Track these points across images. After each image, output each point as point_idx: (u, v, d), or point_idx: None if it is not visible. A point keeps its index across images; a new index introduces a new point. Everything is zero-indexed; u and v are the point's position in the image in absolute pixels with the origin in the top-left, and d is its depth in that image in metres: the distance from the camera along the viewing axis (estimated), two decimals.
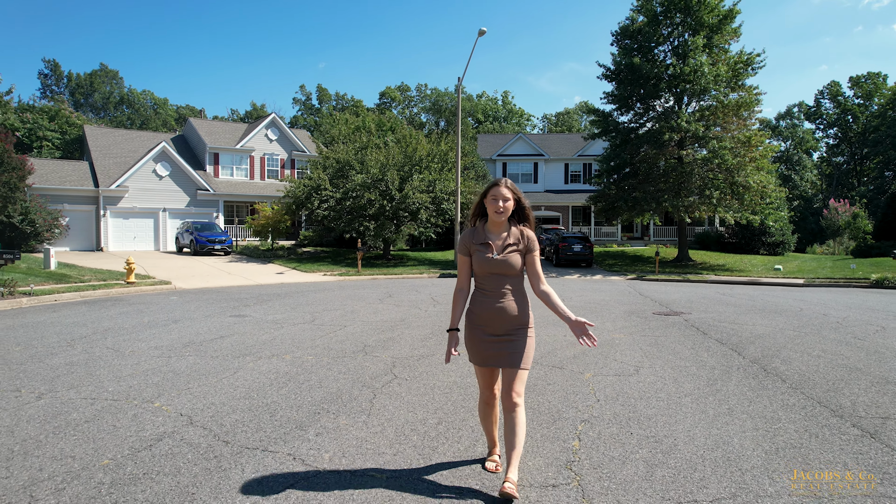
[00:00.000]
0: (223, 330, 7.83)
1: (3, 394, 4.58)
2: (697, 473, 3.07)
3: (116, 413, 4.09)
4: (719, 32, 24.53)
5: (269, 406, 4.28)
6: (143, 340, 7.00)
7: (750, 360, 5.92)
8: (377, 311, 9.81)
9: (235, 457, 3.29)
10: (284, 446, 3.46)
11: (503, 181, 3.08)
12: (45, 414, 4.05)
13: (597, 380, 5.09)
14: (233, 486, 2.91)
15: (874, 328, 8.03)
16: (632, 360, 5.92)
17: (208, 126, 35.31)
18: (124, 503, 2.72)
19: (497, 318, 3.00)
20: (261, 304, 10.87)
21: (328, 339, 7.06)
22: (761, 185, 23.57)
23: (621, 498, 2.80)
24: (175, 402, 4.38)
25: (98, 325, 8.22)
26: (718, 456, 3.31)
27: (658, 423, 3.89)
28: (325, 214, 23.21)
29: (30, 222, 24.07)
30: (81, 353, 6.23)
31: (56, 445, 3.44)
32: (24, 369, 5.44)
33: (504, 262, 2.98)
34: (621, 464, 3.21)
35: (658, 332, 7.68)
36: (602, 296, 12.85)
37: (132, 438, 3.57)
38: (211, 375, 5.21)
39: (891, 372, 5.35)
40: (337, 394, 4.61)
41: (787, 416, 4.06)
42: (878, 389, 4.74)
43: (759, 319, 8.98)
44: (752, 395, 4.58)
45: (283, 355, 6.11)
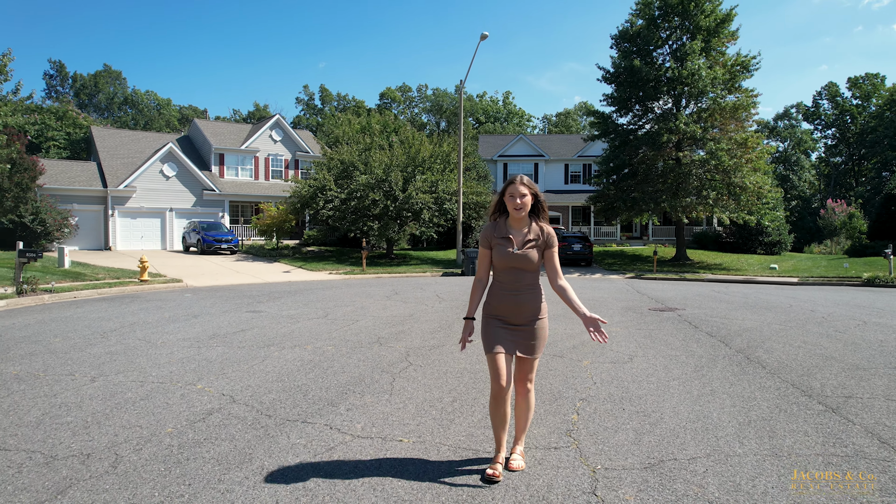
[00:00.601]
0: (243, 324, 8.33)
1: (61, 377, 5.08)
2: (679, 439, 3.57)
3: (165, 393, 4.59)
4: (717, 36, 25.04)
5: (301, 388, 4.78)
6: (170, 333, 7.50)
7: (735, 350, 6.43)
8: (386, 308, 10.31)
9: (279, 427, 3.79)
10: (321, 419, 3.96)
11: (520, 178, 3.16)
12: (103, 394, 4.56)
13: (594, 366, 5.60)
14: (282, 448, 3.42)
15: (856, 323, 8.53)
16: (626, 350, 6.43)
17: (213, 127, 35.81)
18: (194, 459, 3.23)
19: (514, 309, 3.13)
20: (273, 301, 11.37)
21: (344, 332, 7.56)
22: (757, 185, 24.08)
23: (612, 456, 3.30)
24: (215, 384, 4.88)
25: (123, 320, 8.72)
26: (698, 426, 3.82)
27: (647, 402, 4.40)
28: (329, 214, 23.71)
29: (41, 222, 24.58)
30: (116, 343, 6.73)
31: (122, 417, 3.95)
32: (69, 357, 5.94)
33: (524, 256, 3.10)
34: (613, 432, 3.71)
35: (652, 326, 8.19)
36: (601, 293, 13.36)
37: (185, 413, 4.08)
38: (242, 363, 5.71)
39: (863, 360, 5.86)
40: (359, 378, 5.12)
41: (762, 395, 4.56)
42: (847, 374, 5.25)
43: (748, 315, 9.49)
44: (733, 379, 5.08)
45: (304, 346, 6.61)
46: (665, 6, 24.98)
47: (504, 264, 3.12)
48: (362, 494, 2.82)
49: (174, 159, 29.68)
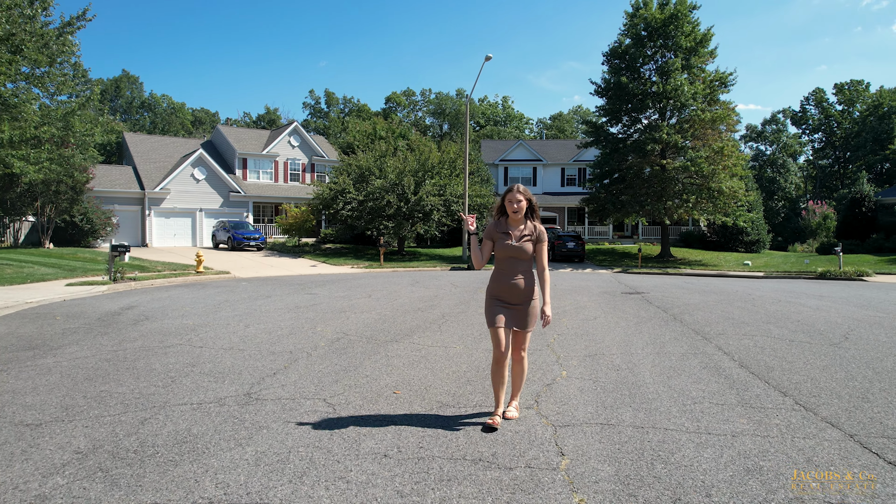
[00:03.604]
0: (310, 301, 11.09)
1: (224, 326, 7.86)
2: (607, 349, 6.36)
3: (300, 332, 7.37)
4: (696, 54, 27.83)
5: (382, 330, 7.57)
6: (264, 305, 10.27)
7: (670, 315, 9.22)
8: (413, 292, 13.09)
9: (383, 344, 6.57)
10: (405, 340, 6.75)
11: (517, 187, 3.87)
12: (262, 331, 7.33)
13: (569, 321, 8.39)
14: (390, 351, 6.20)
15: (773, 301, 11.33)
16: (593, 314, 9.23)
17: (236, 133, 38.59)
18: (345, 356, 6.00)
19: (511, 291, 3.83)
20: (320, 287, 14.12)
21: (390, 305, 10.35)
22: (733, 189, 26.90)
23: (570, 353, 6.09)
24: (327, 327, 7.66)
25: (217, 298, 11.47)
26: (621, 343, 6.61)
27: (597, 336, 7.19)
28: (348, 214, 26.51)
29: (88, 221, 27.36)
30: (234, 311, 9.50)
31: (288, 341, 6.73)
32: (213, 317, 8.71)
33: (519, 248, 3.80)
34: (573, 344, 6.51)
35: (618, 302, 10.99)
36: (586, 283, 16.16)
37: (322, 339, 6.85)
38: (333, 320, 8.49)
39: (750, 319, 8.65)
40: (416, 326, 7.91)
41: (668, 334, 7.37)
42: (730, 325, 8.05)
43: (697, 297, 12.27)
44: (656, 328, 7.88)
45: (368, 312, 9.40)
46: (649, 27, 27.75)
47: (504, 254, 3.85)
48: (440, 366, 5.60)
49: (203, 164, 32.46)
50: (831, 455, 3.33)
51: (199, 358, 5.77)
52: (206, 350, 6.16)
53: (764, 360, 5.80)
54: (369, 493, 2.82)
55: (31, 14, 13.54)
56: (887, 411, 4.15)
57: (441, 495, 2.79)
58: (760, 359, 5.89)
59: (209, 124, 68.10)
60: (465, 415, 4.04)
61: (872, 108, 61.04)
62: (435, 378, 5.07)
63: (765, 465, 3.18)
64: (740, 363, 5.69)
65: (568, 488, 2.88)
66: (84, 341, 6.61)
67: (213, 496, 2.75)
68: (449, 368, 5.45)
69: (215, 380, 4.91)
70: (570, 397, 4.49)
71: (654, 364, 5.63)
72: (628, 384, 4.87)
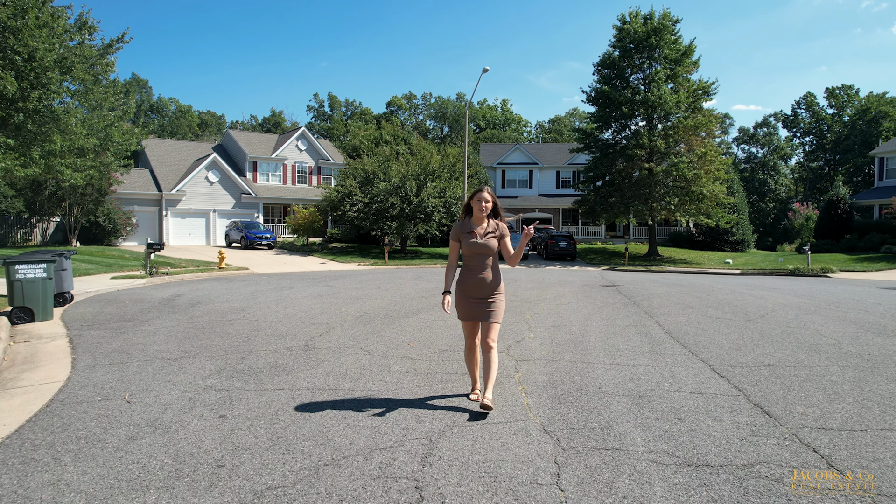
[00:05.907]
0: (328, 291, 12.95)
1: (265, 309, 9.73)
2: (569, 322, 8.23)
3: (329, 311, 9.22)
4: (680, 65, 29.72)
5: (395, 310, 9.43)
6: (290, 294, 12.12)
7: (632, 302, 11.08)
8: (417, 284, 14.95)
9: (396, 319, 8.44)
10: (414, 316, 8.63)
11: (485, 188, 4.12)
12: (300, 312, 9.19)
13: (546, 305, 10.27)
14: (403, 324, 8.06)
15: (727, 292, 13.18)
16: (568, 300, 11.11)
17: (246, 137, 40.48)
18: (369, 326, 7.87)
19: (479, 286, 4.06)
20: (334, 281, 15.99)
21: (398, 294, 12.22)
22: (713, 193, 28.78)
23: (541, 325, 7.96)
24: (351, 309, 9.53)
25: (246, 289, 13.33)
26: (582, 321, 8.47)
27: (565, 316, 9.05)
28: (354, 215, 28.39)
29: (110, 221, 29.25)
30: (266, 298, 11.36)
31: (322, 318, 8.59)
32: (252, 303, 10.57)
33: (484, 244, 4.05)
34: (544, 320, 8.38)
35: (593, 292, 12.86)
36: (572, 277, 18.04)
37: (348, 316, 8.71)
38: (352, 303, 10.35)
39: (698, 305, 10.51)
40: (422, 307, 9.77)
41: (622, 313, 9.23)
42: (678, 308, 9.92)
43: (664, 289, 14.12)
44: (616, 310, 9.74)
45: (380, 298, 11.27)
46: (636, 40, 29.64)
47: (470, 251, 4.09)
48: (440, 331, 7.46)
49: (217, 167, 34.35)
50: (690, 374, 5.21)
51: (258, 326, 7.65)
52: (262, 322, 8.04)
53: (686, 329, 7.68)
54: (398, 385, 4.75)
55: (81, 40, 15.41)
56: (746, 355, 6.02)
57: (442, 388, 4.69)
58: (685, 329, 7.77)
59: (215, 127, 70.04)
60: (457, 357, 5.91)
61: (861, 113, 62.94)
62: (437, 337, 6.96)
63: (643, 377, 5.08)
64: (667, 331, 7.57)
65: (518, 385, 4.77)
66: (163, 317, 8.49)
67: (307, 386, 4.65)
68: (447, 333, 7.33)
69: (279, 338, 6.79)
70: (532, 348, 6.37)
71: (601, 331, 7.51)
72: (576, 341, 6.75)
